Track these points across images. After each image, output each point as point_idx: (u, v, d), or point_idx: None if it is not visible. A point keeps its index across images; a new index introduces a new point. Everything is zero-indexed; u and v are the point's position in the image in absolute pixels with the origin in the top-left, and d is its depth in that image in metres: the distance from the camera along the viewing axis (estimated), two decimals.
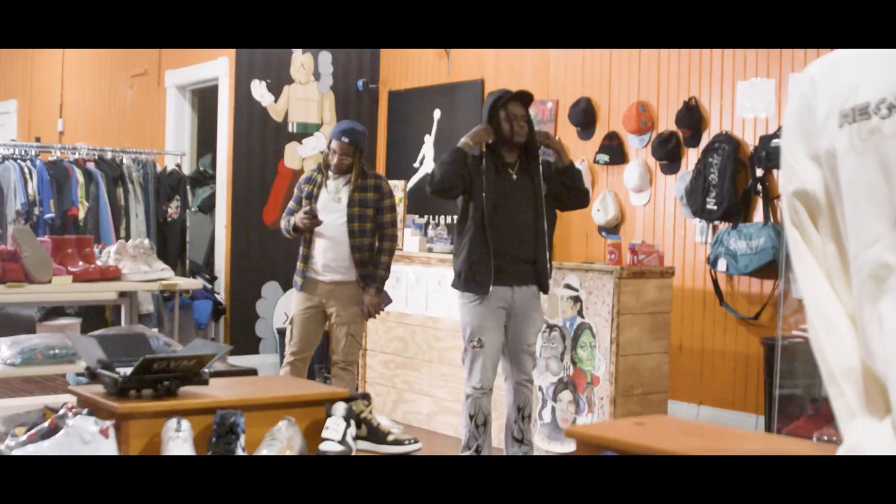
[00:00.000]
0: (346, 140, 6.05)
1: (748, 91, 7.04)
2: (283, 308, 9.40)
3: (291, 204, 6.26)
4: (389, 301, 6.33)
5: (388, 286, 6.29)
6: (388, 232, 6.14)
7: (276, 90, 9.43)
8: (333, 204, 6.10)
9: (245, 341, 9.07)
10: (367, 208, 6.08)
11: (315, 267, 6.14)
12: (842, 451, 1.87)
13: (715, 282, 7.11)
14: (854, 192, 1.83)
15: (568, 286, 6.38)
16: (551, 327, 6.43)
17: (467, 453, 5.59)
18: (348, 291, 6.11)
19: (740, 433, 3.33)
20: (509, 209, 5.48)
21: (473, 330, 5.50)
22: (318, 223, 6.02)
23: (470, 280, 5.49)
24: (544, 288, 5.57)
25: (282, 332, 9.23)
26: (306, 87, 9.58)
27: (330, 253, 6.10)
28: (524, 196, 5.52)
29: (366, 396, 3.83)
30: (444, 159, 5.53)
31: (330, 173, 6.15)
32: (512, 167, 5.57)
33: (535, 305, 5.60)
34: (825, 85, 1.91)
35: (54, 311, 8.43)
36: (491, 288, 5.43)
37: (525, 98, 5.57)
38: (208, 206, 9.92)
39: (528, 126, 5.55)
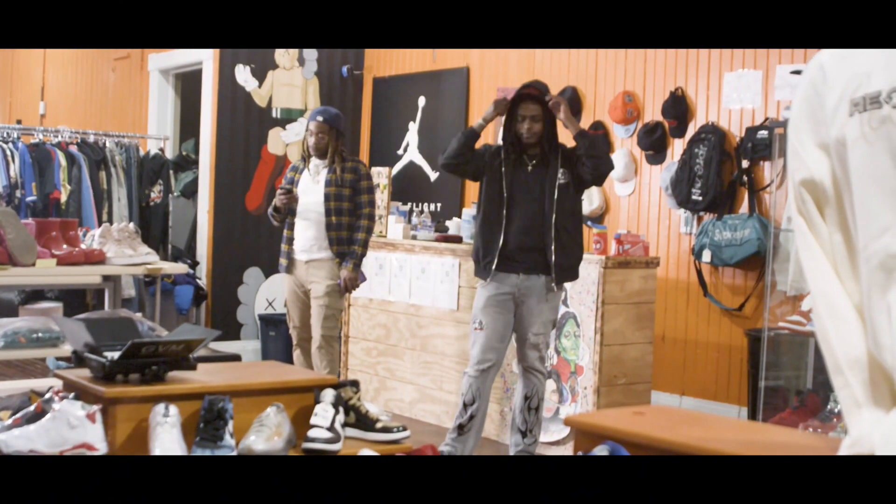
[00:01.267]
0: (320, 119, 6.27)
1: (735, 82, 7.03)
2: (264, 294, 9.37)
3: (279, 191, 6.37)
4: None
5: (371, 272, 6.35)
6: (365, 211, 6.30)
7: (260, 75, 9.37)
8: (312, 185, 6.31)
9: (226, 327, 9.01)
10: (344, 188, 6.24)
11: (295, 248, 6.34)
12: (847, 442, 1.85)
13: (699, 273, 7.11)
14: (864, 181, 1.81)
15: None
16: None
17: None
18: (325, 268, 6.26)
19: (741, 423, 3.32)
20: (518, 199, 5.49)
21: (476, 312, 5.62)
22: (294, 199, 6.25)
23: (477, 265, 5.64)
24: (557, 279, 5.50)
25: (263, 318, 9.21)
26: (291, 73, 9.52)
27: (309, 232, 6.29)
28: (535, 186, 5.50)
29: (354, 383, 3.81)
30: (457, 136, 5.66)
31: (311, 157, 6.34)
32: (531, 157, 5.55)
33: (545, 296, 5.54)
34: (835, 72, 1.89)
35: (35, 295, 8.36)
36: (493, 274, 5.50)
37: (536, 96, 5.50)
38: (191, 191, 9.85)
39: (543, 123, 5.49)
